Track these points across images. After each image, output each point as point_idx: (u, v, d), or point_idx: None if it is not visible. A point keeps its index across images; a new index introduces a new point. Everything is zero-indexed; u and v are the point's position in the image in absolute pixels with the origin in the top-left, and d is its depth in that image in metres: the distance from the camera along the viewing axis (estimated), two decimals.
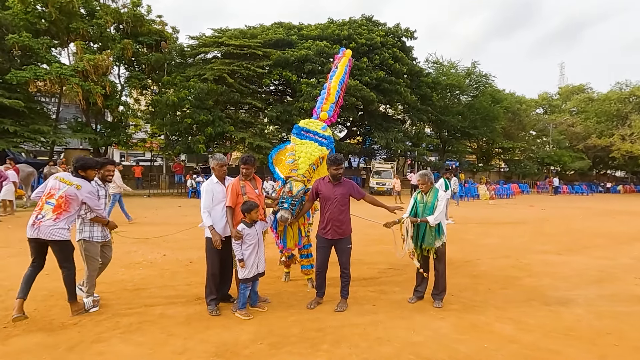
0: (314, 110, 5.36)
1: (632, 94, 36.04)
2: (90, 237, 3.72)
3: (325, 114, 5.10)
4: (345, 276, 3.95)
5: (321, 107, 5.18)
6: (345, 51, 5.95)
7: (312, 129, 4.73)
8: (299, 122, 4.89)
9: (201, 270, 5.27)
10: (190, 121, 19.09)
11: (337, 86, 5.32)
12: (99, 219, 3.76)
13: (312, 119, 5.11)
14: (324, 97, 5.26)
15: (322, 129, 4.80)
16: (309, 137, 4.64)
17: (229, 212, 3.70)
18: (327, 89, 5.32)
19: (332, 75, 5.61)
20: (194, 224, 10.06)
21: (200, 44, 21.68)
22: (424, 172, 4.22)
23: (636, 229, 10.55)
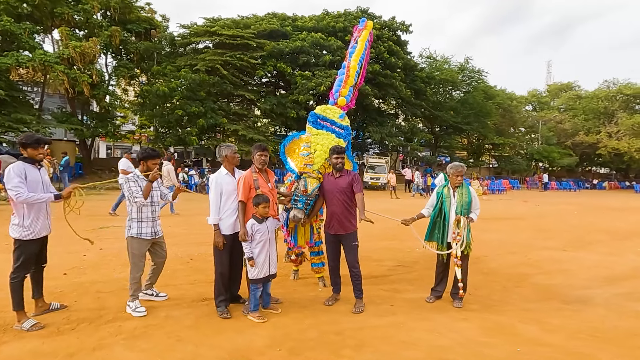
0: (330, 94, 4.84)
1: (619, 92, 36.71)
2: (138, 233, 3.48)
3: (343, 99, 4.64)
4: (355, 275, 3.75)
5: (339, 91, 4.65)
6: (366, 22, 5.31)
7: (329, 117, 4.35)
8: (316, 109, 4.49)
9: (203, 267, 5.03)
10: (182, 113, 18.58)
11: (357, 66, 4.81)
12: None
13: (328, 104, 4.70)
14: (342, 79, 4.71)
15: (340, 117, 4.41)
16: (326, 126, 4.30)
17: (240, 207, 3.43)
18: (346, 69, 4.76)
19: (351, 52, 5.02)
20: (187, 218, 9.86)
21: (191, 33, 21.07)
22: (458, 164, 4.01)
23: (632, 224, 10.66)
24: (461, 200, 3.86)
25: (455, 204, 3.89)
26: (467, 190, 3.91)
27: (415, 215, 4.11)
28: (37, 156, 3.20)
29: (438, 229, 4.01)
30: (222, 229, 3.45)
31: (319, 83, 19.72)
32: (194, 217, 9.84)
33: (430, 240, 4.11)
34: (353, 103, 4.87)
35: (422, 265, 5.58)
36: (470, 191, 3.91)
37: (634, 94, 35.92)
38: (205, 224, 7.50)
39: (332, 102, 4.74)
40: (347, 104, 4.73)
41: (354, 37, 5.43)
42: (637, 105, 37.36)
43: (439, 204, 3.99)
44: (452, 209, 3.91)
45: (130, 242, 3.49)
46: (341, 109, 4.62)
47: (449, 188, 3.98)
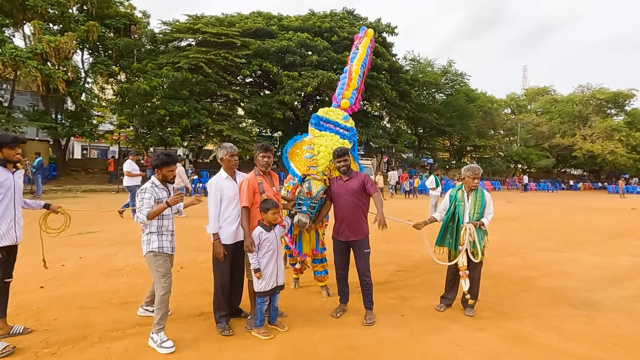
0: (333, 97, 4.80)
1: (592, 96, 38.22)
2: (160, 247, 3.03)
3: (346, 101, 4.55)
4: (366, 284, 3.52)
5: (342, 94, 4.61)
6: (366, 31, 5.35)
7: (332, 119, 4.21)
8: (318, 111, 4.34)
9: (196, 276, 4.69)
10: (164, 112, 17.91)
11: (359, 70, 4.78)
12: None
13: (331, 107, 4.57)
14: (344, 83, 4.68)
15: (344, 119, 4.29)
16: (329, 128, 4.13)
17: (244, 213, 3.14)
18: (348, 73, 4.75)
19: (352, 57, 5.03)
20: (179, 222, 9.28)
21: (173, 30, 20.41)
22: (475, 166, 3.84)
23: (615, 224, 10.92)
24: (475, 204, 3.71)
25: (470, 208, 3.73)
26: (482, 194, 3.76)
27: (427, 219, 3.94)
28: (14, 157, 2.85)
29: (450, 234, 3.84)
30: (223, 238, 3.15)
31: (306, 84, 19.47)
32: (178, 220, 9.38)
33: (442, 245, 3.94)
34: (357, 106, 4.77)
35: (423, 269, 5.42)
36: (484, 195, 3.76)
37: (606, 99, 37.49)
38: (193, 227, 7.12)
39: (335, 105, 4.63)
40: (351, 106, 4.61)
41: (355, 44, 5.44)
42: (609, 109, 38.95)
43: (452, 207, 3.82)
44: (466, 213, 3.74)
45: (153, 259, 3.01)
46: (345, 111, 4.49)
47: (463, 191, 3.82)
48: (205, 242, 6.76)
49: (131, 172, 8.86)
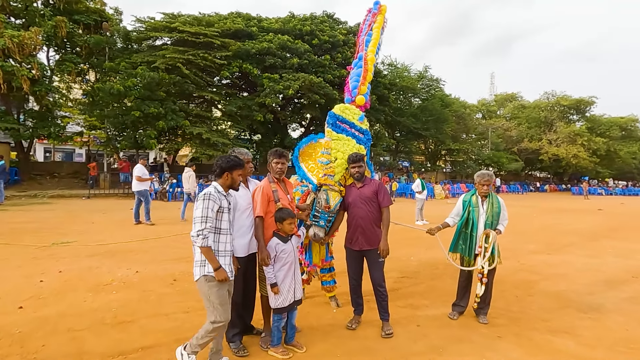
0: (345, 89, 4.30)
1: (557, 103, 40.33)
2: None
3: (362, 97, 4.12)
4: (381, 295, 3.39)
5: (358, 88, 4.13)
6: (380, 6, 4.72)
7: (349, 119, 3.88)
8: (334, 109, 3.99)
9: (193, 289, 4.35)
10: (139, 114, 17.08)
11: (374, 58, 4.34)
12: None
13: (345, 103, 4.21)
14: (359, 73, 4.18)
15: (360, 119, 3.96)
16: (345, 129, 3.82)
17: (259, 224, 2.93)
18: (364, 62, 4.23)
19: (367, 40, 4.48)
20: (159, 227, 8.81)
21: (148, 29, 19.59)
22: (485, 172, 3.79)
23: (590, 225, 11.45)
24: (492, 211, 3.67)
25: (485, 215, 3.68)
26: (497, 200, 3.73)
27: (440, 225, 3.87)
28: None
29: (464, 240, 3.79)
30: (236, 251, 2.92)
31: (287, 86, 19.23)
32: (167, 226, 8.91)
33: (455, 251, 3.88)
34: (369, 103, 4.42)
35: (426, 275, 5.37)
36: (500, 201, 3.74)
37: (569, 105, 39.68)
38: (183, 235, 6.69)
39: (348, 100, 4.27)
40: (366, 103, 4.29)
41: (367, 22, 4.80)
42: (572, 115, 41.24)
43: (466, 213, 3.77)
44: (481, 219, 3.70)
45: (206, 285, 2.51)
46: (360, 108, 4.21)
47: (477, 197, 3.77)
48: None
49: (142, 176, 8.84)
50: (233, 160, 2.65)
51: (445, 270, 5.53)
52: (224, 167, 2.63)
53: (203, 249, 2.49)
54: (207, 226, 2.46)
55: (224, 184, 2.64)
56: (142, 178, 8.86)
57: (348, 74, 4.61)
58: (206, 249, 2.48)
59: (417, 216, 11.20)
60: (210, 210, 2.48)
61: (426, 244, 7.52)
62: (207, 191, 2.55)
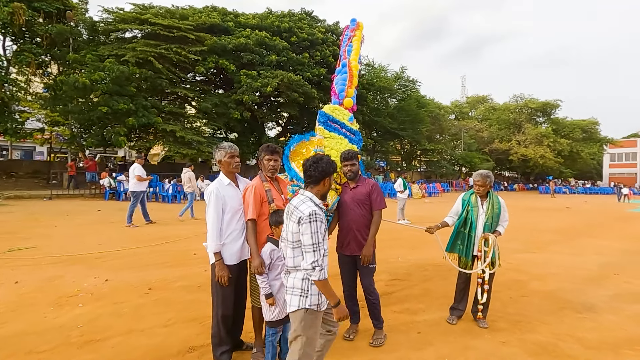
0: (332, 93, 4.30)
1: (525, 105, 42.05)
2: (319, 303, 2.06)
3: (350, 100, 4.11)
4: (371, 302, 3.17)
5: (345, 91, 4.15)
6: (358, 23, 4.93)
7: (339, 119, 3.78)
8: (324, 108, 3.87)
9: (171, 299, 3.99)
10: (106, 109, 16.11)
11: (357, 65, 4.43)
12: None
13: (332, 104, 4.12)
14: (345, 79, 4.23)
15: (349, 120, 3.87)
16: (336, 129, 3.71)
17: (251, 228, 2.62)
18: (348, 69, 4.31)
19: (348, 50, 4.64)
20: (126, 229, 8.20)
21: (117, 20, 18.54)
22: (483, 171, 3.65)
23: (566, 223, 11.83)
24: (492, 211, 3.54)
25: (484, 215, 3.55)
26: (497, 200, 3.60)
27: (439, 223, 3.71)
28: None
29: (462, 240, 3.64)
30: (226, 258, 2.60)
31: (265, 83, 18.79)
32: (134, 228, 8.32)
33: (452, 251, 3.73)
34: (355, 106, 4.37)
35: (417, 277, 5.22)
36: (500, 202, 3.61)
37: (536, 108, 41.47)
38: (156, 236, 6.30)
39: (336, 102, 4.17)
40: (353, 106, 4.22)
41: (348, 36, 5.05)
42: (539, 117, 43.14)
43: (465, 213, 3.62)
44: (480, 220, 3.56)
45: (307, 319, 2.03)
46: (348, 110, 4.10)
47: (477, 196, 3.63)
48: (176, 255, 5.98)
49: (142, 176, 8.71)
50: (330, 165, 2.15)
51: (436, 272, 5.41)
52: (326, 171, 2.12)
53: (319, 283, 1.98)
54: (322, 254, 1.98)
55: (320, 193, 2.14)
56: (142, 178, 8.71)
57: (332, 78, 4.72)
58: (323, 282, 1.97)
59: (398, 215, 11.15)
60: (320, 235, 1.97)
61: (410, 244, 7.42)
62: (312, 211, 1.96)
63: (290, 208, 2.08)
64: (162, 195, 15.56)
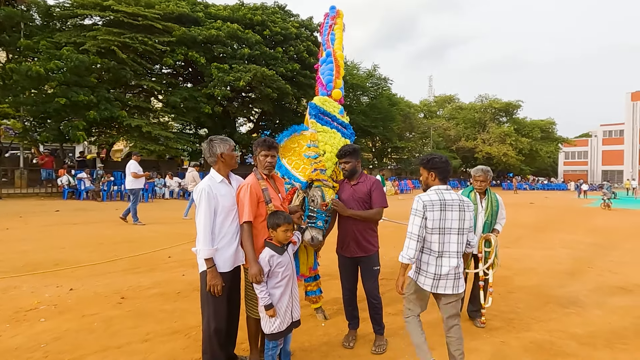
0: (319, 84, 4.08)
1: (489, 105, 43.87)
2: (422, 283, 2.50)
3: (338, 91, 3.93)
4: (374, 307, 3.02)
5: (333, 81, 3.93)
6: (338, 11, 4.72)
7: (330, 112, 3.59)
8: (314, 100, 3.66)
9: (148, 309, 3.63)
10: (65, 101, 14.89)
11: (343, 55, 4.23)
12: None
13: (319, 95, 3.91)
14: (332, 68, 4.00)
15: (340, 112, 3.71)
16: (328, 122, 3.51)
17: (247, 231, 2.36)
18: (334, 59, 4.09)
19: (332, 39, 4.39)
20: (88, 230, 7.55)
21: (75, 5, 17.19)
22: (482, 167, 3.58)
23: (531, 218, 12.37)
24: (491, 209, 3.48)
25: (484, 213, 3.49)
26: (495, 198, 3.56)
27: None
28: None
29: None
30: (219, 265, 2.33)
31: (238, 77, 18.19)
32: (94, 227, 7.70)
33: None
34: (343, 99, 4.18)
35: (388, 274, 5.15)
36: (498, 199, 3.57)
37: (500, 108, 43.38)
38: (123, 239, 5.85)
39: (324, 94, 3.98)
40: (341, 98, 4.03)
41: (328, 24, 4.82)
42: (502, 117, 45.18)
43: None
44: (480, 218, 3.50)
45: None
46: (338, 102, 3.92)
47: (475, 194, 3.56)
48: (149, 258, 5.52)
49: (137, 172, 8.59)
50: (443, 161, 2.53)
51: None
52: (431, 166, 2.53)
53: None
54: (413, 241, 2.41)
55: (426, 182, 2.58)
56: (138, 175, 8.63)
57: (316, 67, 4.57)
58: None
59: None
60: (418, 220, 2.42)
61: (393, 242, 7.38)
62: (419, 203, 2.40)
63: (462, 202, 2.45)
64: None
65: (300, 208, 2.94)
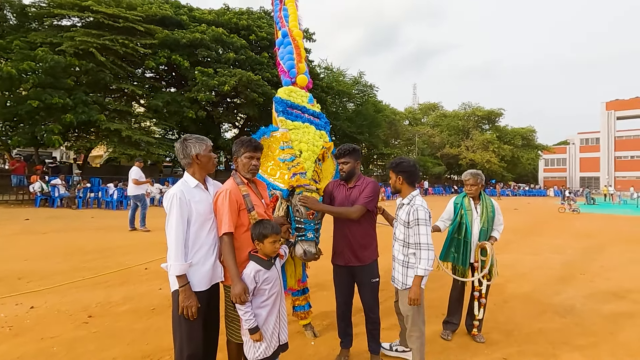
0: (280, 72, 3.73)
1: (472, 113, 44.67)
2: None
3: (304, 77, 3.55)
4: (372, 322, 2.77)
5: (296, 66, 3.56)
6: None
7: (298, 103, 3.30)
8: (279, 93, 3.35)
9: (117, 329, 3.27)
10: (38, 104, 14.18)
11: (300, 32, 3.86)
12: None
13: (285, 85, 3.56)
14: (291, 51, 3.63)
15: (309, 101, 3.42)
16: (300, 116, 3.24)
17: (227, 244, 2.08)
18: (291, 38, 3.71)
19: (285, 15, 4.01)
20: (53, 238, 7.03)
21: (52, 5, 16.55)
22: (473, 171, 3.40)
23: (516, 223, 12.38)
24: (486, 215, 3.30)
25: (480, 219, 3.31)
26: (491, 203, 3.38)
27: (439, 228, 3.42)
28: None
29: (456, 247, 3.37)
30: (194, 283, 2.03)
31: (223, 82, 17.82)
32: (66, 236, 7.19)
33: (445, 260, 3.46)
34: (311, 82, 3.84)
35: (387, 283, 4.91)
36: (494, 204, 3.39)
37: (483, 116, 44.23)
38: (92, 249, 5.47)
39: (287, 82, 3.65)
40: (308, 83, 3.72)
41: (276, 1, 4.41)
42: (485, 124, 46.05)
43: (458, 217, 3.35)
44: (475, 224, 3.32)
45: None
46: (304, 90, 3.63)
47: (469, 199, 3.38)
48: (120, 271, 5.09)
49: (138, 179, 8.50)
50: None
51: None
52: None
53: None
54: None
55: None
56: (139, 181, 8.51)
57: (275, 52, 4.07)
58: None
59: None
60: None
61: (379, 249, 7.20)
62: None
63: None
64: (106, 201, 14.02)
65: (286, 219, 2.67)
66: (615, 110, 49.72)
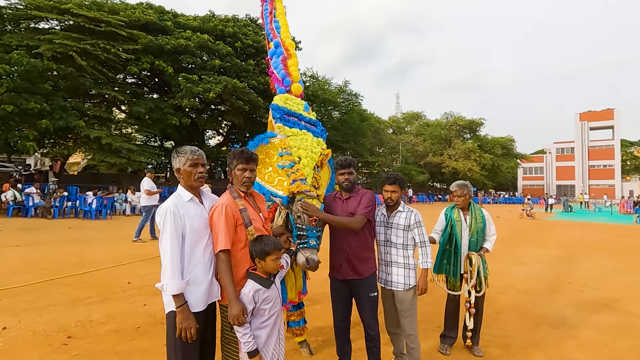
0: (273, 80, 3.73)
1: (454, 122, 45.70)
2: None
3: (298, 85, 3.58)
4: (372, 339, 2.67)
5: (289, 74, 3.59)
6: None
7: (295, 110, 3.26)
8: (275, 100, 3.33)
9: (100, 351, 3.06)
10: (12, 108, 13.59)
11: (293, 42, 3.96)
12: None
13: (280, 93, 3.56)
14: (280, 61, 3.67)
15: (305, 109, 3.39)
16: (297, 123, 3.19)
17: (224, 262, 1.95)
18: (284, 48, 3.77)
19: (277, 27, 4.09)
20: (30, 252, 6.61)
21: (29, 7, 16.02)
22: (461, 182, 3.39)
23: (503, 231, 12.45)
24: (475, 225, 3.28)
25: (468, 230, 3.29)
26: (481, 214, 3.36)
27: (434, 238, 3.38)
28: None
29: (447, 259, 3.34)
30: (192, 304, 1.89)
31: (207, 89, 17.59)
32: (40, 250, 6.81)
33: (439, 272, 3.41)
34: (302, 93, 3.85)
35: None
36: (484, 215, 3.37)
37: (464, 125, 45.33)
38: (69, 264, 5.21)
39: (282, 90, 3.66)
40: (302, 92, 3.73)
41: (267, 10, 4.53)
42: (466, 134, 47.18)
43: (449, 228, 3.33)
44: (465, 235, 3.30)
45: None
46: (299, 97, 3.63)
47: (459, 210, 3.37)
48: (104, 285, 4.80)
49: (150, 190, 8.59)
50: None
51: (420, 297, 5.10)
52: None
53: None
54: None
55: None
56: (151, 192, 8.62)
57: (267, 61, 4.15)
58: None
59: None
60: None
61: None
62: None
63: None
64: (84, 210, 13.47)
65: (285, 228, 2.57)
66: (588, 121, 51.90)
